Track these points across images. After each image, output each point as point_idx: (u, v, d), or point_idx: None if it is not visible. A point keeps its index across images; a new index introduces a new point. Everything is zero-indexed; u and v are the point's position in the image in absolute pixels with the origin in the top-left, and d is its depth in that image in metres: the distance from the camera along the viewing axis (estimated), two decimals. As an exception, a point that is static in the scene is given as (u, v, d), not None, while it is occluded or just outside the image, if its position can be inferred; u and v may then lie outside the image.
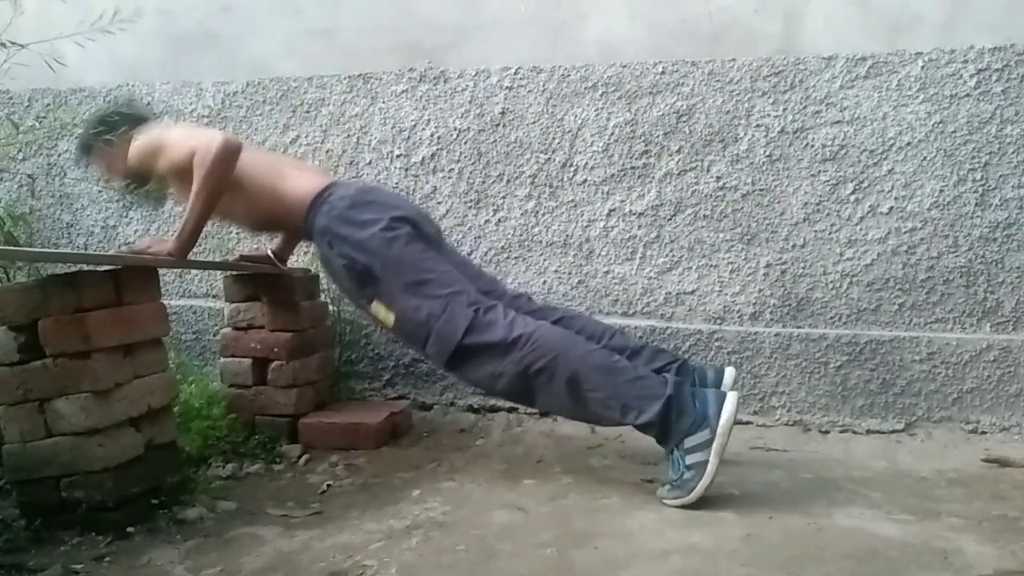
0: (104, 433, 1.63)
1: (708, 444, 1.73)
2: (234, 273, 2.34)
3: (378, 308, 1.98)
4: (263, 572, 1.49)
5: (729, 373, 2.06)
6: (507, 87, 2.59)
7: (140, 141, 2.04)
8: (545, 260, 2.60)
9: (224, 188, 1.95)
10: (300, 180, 2.11)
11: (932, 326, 2.38)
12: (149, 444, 1.74)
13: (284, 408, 2.27)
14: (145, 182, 2.12)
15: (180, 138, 2.00)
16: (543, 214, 2.59)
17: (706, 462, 1.72)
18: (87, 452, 1.61)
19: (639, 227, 2.53)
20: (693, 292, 2.52)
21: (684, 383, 1.83)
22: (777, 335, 2.43)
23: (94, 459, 1.61)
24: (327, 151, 2.74)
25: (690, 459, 1.74)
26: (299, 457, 2.16)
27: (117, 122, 2.09)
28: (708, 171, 2.48)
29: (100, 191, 2.96)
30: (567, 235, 2.58)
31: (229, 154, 1.92)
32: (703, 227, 2.50)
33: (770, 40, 2.43)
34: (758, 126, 2.44)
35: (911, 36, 2.35)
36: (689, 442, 1.74)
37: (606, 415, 1.85)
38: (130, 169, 2.09)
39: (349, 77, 2.71)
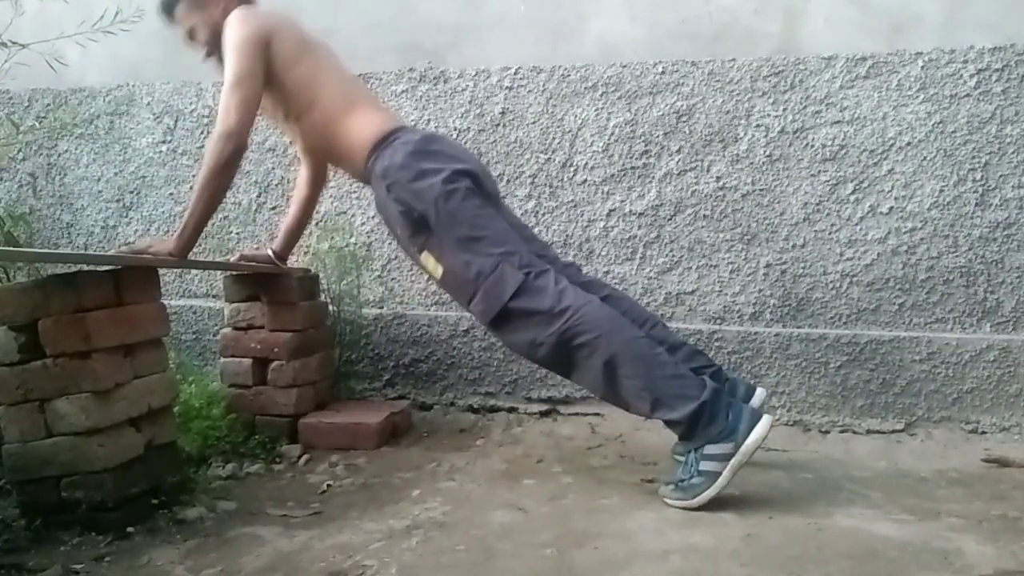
0: (104, 433, 1.63)
1: (728, 458, 1.70)
2: (234, 273, 2.34)
3: (427, 259, 1.93)
4: (263, 572, 1.49)
5: (759, 393, 2.02)
6: (507, 87, 2.59)
7: (226, 30, 1.97)
8: (545, 260, 2.59)
9: (226, 189, 1.95)
10: (367, 118, 2.04)
11: (932, 326, 2.38)
12: (149, 444, 1.74)
13: (284, 408, 2.27)
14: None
15: (231, 76, 1.93)
16: (543, 214, 2.59)
17: (719, 474, 1.70)
18: (87, 452, 1.61)
19: (639, 227, 2.53)
20: (693, 292, 2.52)
21: (722, 391, 1.79)
22: (777, 335, 2.43)
23: (94, 459, 1.61)
24: (327, 151, 2.74)
25: (705, 465, 1.72)
26: (299, 457, 2.16)
27: None
28: (708, 171, 2.48)
29: (100, 191, 2.96)
30: (567, 235, 2.58)
31: (233, 157, 1.90)
32: (703, 227, 2.50)
33: (770, 40, 2.43)
34: (758, 126, 2.44)
35: (911, 36, 2.35)
36: (710, 449, 1.72)
37: (636, 404, 1.81)
38: (210, 41, 2.04)
39: (349, 77, 2.71)
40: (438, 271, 1.92)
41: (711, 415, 1.73)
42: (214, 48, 2.05)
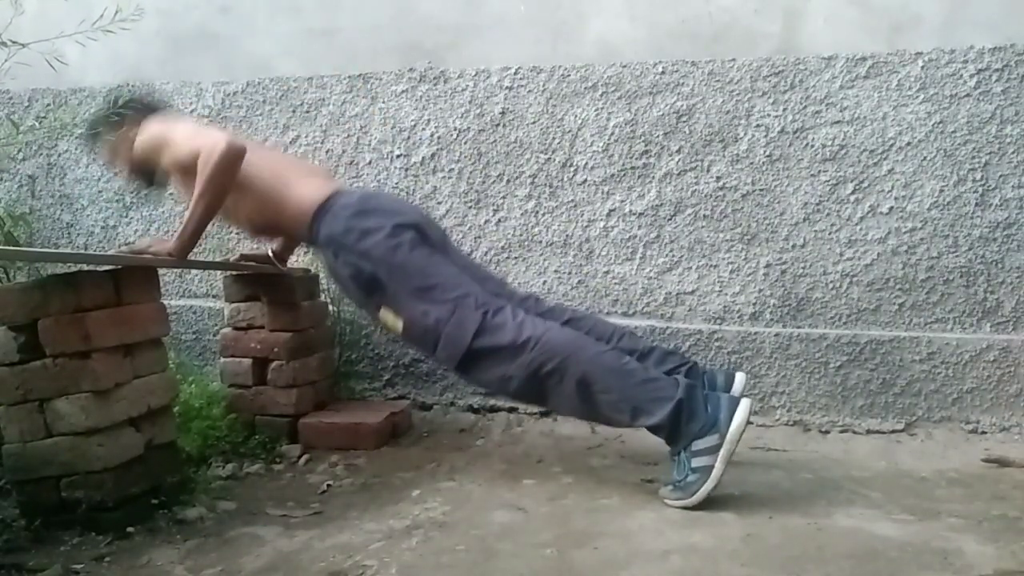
0: (104, 433, 1.63)
1: (716, 449, 1.72)
2: (234, 273, 2.34)
3: (386, 315, 1.98)
4: (263, 572, 1.49)
5: (739, 379, 2.04)
6: (507, 87, 2.59)
7: (146, 133, 2.04)
8: (545, 260, 2.60)
9: (227, 192, 1.95)
10: (303, 189, 2.08)
11: (932, 326, 2.38)
12: (149, 444, 1.74)
13: (284, 408, 2.27)
14: (149, 173, 2.12)
15: (185, 137, 1.99)
16: (543, 214, 2.59)
17: (712, 467, 1.71)
18: (87, 452, 1.61)
19: (639, 227, 2.53)
20: (693, 292, 2.52)
21: (696, 386, 1.81)
22: (777, 335, 2.43)
23: (94, 459, 1.61)
24: (327, 151, 2.74)
25: (696, 462, 1.73)
26: (299, 457, 2.16)
27: (124, 110, 2.10)
28: (708, 171, 2.48)
29: (100, 191, 2.96)
30: (567, 235, 2.58)
31: (233, 158, 1.91)
32: (703, 227, 2.50)
33: (770, 40, 2.43)
34: (758, 126, 2.44)
35: (911, 36, 2.35)
36: (697, 445, 1.74)
37: (616, 417, 1.84)
38: (135, 159, 2.09)
39: (349, 77, 2.71)
40: (398, 325, 1.96)
41: (690, 412, 1.74)
42: (140, 167, 2.10)
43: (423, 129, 2.66)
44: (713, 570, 1.45)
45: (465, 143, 2.63)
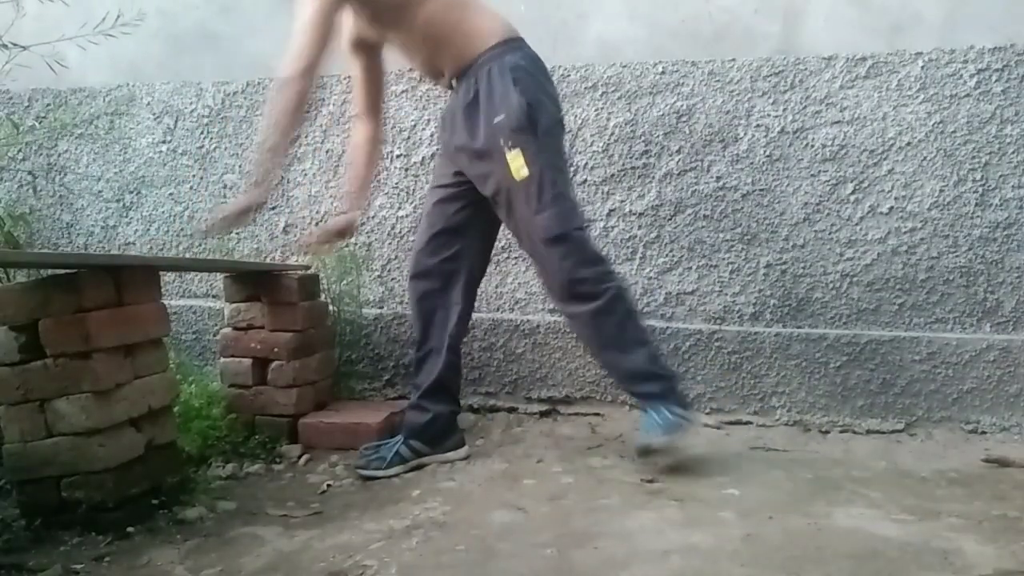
0: (104, 433, 1.63)
1: (687, 419, 1.96)
2: (234, 273, 2.34)
3: (517, 157, 1.93)
4: (263, 572, 1.49)
5: None
6: (507, 87, 2.58)
7: None
8: (545, 260, 2.59)
9: (295, 119, 1.95)
10: (492, 20, 2.07)
11: (932, 326, 2.38)
12: (149, 444, 1.75)
13: (284, 408, 2.28)
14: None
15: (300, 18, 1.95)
16: (543, 214, 2.59)
17: (689, 418, 1.97)
18: (87, 452, 1.61)
19: (639, 227, 2.53)
20: (693, 292, 2.52)
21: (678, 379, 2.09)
22: (777, 335, 2.43)
23: (94, 459, 1.62)
24: (327, 151, 2.74)
25: (676, 411, 1.94)
26: (299, 457, 2.16)
27: None
28: (708, 171, 2.48)
29: (100, 191, 2.96)
30: (567, 235, 2.58)
31: (299, 92, 1.90)
32: (703, 227, 2.50)
33: (770, 40, 2.43)
34: (758, 126, 2.44)
35: (911, 36, 2.35)
36: (674, 408, 1.95)
37: (617, 349, 2.00)
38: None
39: (349, 77, 2.70)
40: (522, 172, 1.93)
41: (679, 397, 2.01)
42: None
43: (423, 129, 2.66)
44: (713, 570, 1.45)
45: (465, 143, 2.62)
